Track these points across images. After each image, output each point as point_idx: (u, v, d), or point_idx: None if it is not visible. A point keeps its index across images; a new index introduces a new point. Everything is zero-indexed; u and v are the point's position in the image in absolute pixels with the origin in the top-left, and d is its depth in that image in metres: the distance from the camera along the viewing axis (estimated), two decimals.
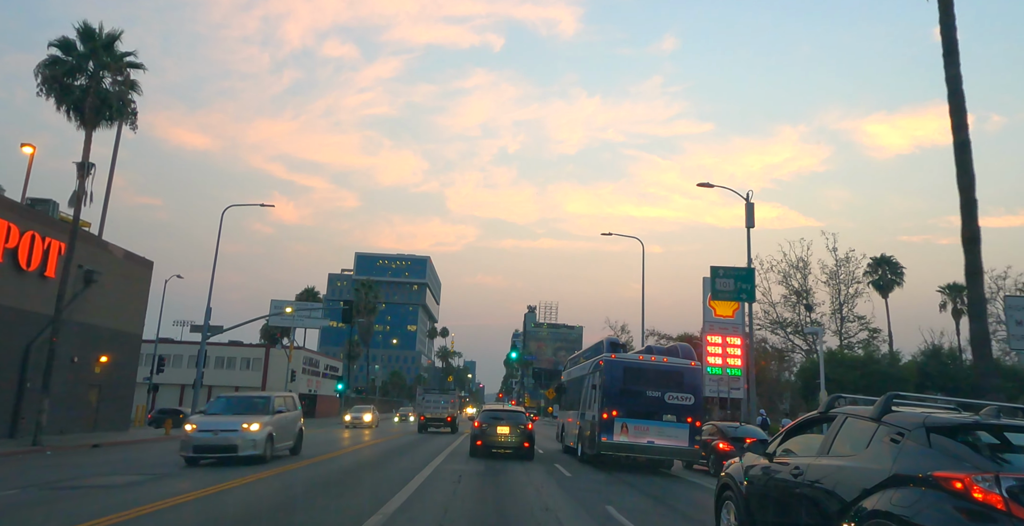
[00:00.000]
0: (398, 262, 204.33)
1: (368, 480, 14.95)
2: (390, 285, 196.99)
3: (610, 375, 19.56)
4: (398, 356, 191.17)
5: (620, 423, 18.80)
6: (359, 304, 67.04)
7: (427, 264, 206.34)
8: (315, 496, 11.77)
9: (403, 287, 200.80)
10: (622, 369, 19.69)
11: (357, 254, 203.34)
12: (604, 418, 19.06)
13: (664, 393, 19.29)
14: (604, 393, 19.43)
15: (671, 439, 18.87)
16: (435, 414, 40.65)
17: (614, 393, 19.30)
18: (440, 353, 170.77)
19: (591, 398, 20.81)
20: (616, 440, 18.85)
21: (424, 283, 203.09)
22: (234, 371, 56.40)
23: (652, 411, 19.12)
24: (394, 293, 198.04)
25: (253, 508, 10.72)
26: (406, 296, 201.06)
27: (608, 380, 19.50)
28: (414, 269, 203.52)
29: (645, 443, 18.87)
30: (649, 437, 18.82)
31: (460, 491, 13.12)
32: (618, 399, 19.22)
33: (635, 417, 18.98)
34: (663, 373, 19.69)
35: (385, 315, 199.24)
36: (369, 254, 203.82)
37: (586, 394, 21.82)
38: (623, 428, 18.79)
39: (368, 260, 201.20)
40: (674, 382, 19.53)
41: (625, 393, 19.30)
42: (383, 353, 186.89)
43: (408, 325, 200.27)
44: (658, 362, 20.04)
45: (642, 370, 19.76)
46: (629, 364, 20.00)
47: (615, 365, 19.82)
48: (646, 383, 19.42)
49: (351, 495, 12.32)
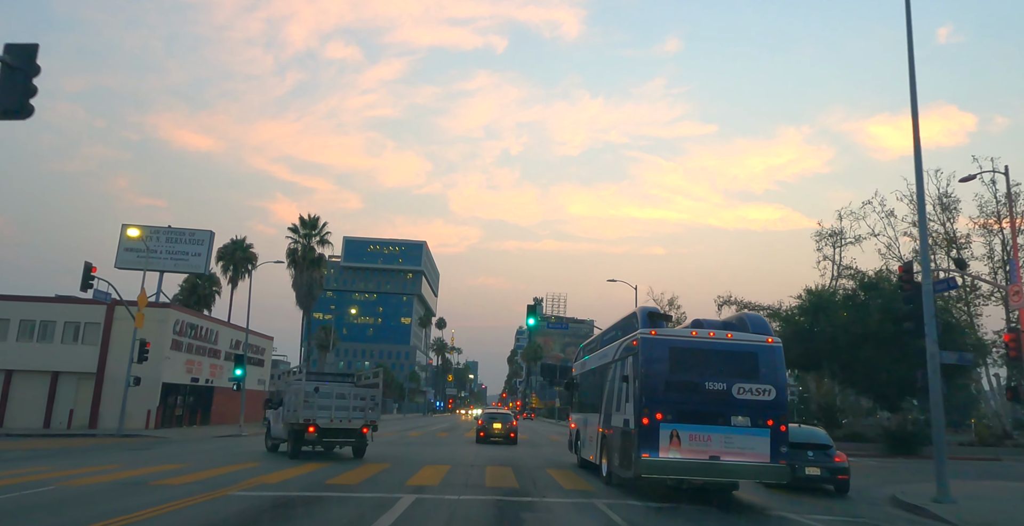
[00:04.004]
0: (391, 247, 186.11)
1: None
2: (381, 273, 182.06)
3: (651, 360, 13.20)
4: (390, 351, 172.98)
5: (668, 431, 12.66)
6: (298, 251, 45.60)
7: (423, 250, 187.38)
8: None
9: (396, 275, 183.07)
10: (668, 351, 13.26)
11: (345, 238, 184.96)
12: (644, 424, 12.73)
13: (731, 384, 12.96)
14: (643, 387, 13.05)
15: (745, 452, 12.61)
16: (331, 422, 19.58)
17: (658, 387, 12.98)
18: (436, 346, 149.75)
19: (621, 395, 14.52)
20: (664, 457, 12.55)
21: (419, 270, 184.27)
22: (51, 345, 34.39)
23: (715, 412, 12.83)
24: (386, 282, 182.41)
25: None
26: (399, 285, 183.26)
27: (648, 368, 13.16)
28: (408, 255, 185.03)
29: (707, 460, 12.55)
30: (712, 450, 12.58)
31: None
32: (664, 396, 12.92)
33: (690, 421, 12.76)
34: (729, 355, 13.33)
35: (376, 306, 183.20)
36: (358, 239, 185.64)
37: (612, 389, 15.55)
38: (673, 439, 12.63)
39: (358, 245, 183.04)
40: (746, 368, 13.16)
41: (674, 386, 13.02)
42: (372, 347, 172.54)
43: (402, 317, 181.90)
44: (720, 339, 13.50)
45: (698, 352, 13.37)
46: (678, 343, 13.42)
47: (658, 346, 13.32)
48: (704, 371, 13.14)
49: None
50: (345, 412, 19.23)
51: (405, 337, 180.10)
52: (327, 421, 18.61)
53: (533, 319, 35.62)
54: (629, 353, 14.25)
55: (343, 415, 19.15)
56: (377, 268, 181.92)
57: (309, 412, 18.69)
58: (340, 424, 18.83)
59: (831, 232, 48.46)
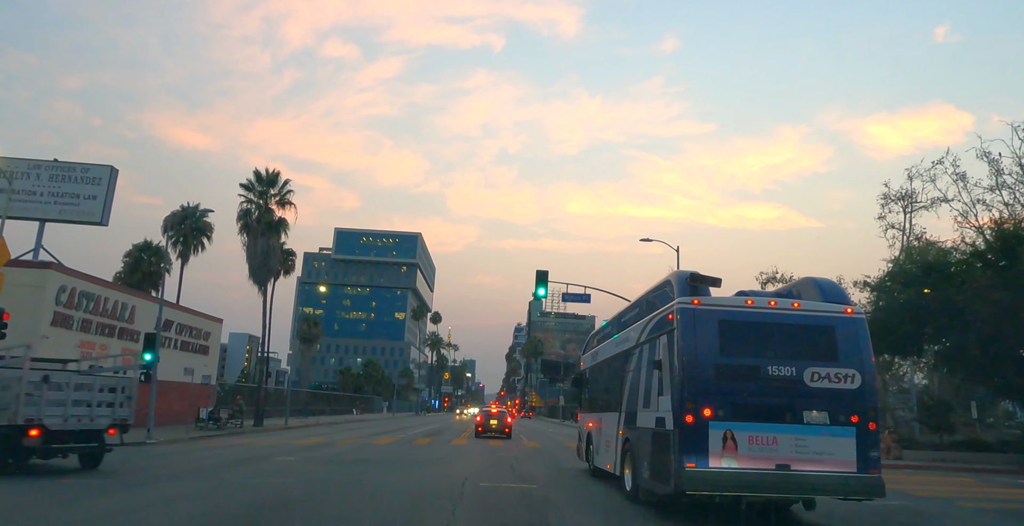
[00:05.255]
0: (384, 239, 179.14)
1: None
2: (374, 266, 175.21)
3: (695, 339, 10.18)
4: (383, 347, 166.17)
5: (720, 432, 9.72)
6: (252, 212, 37.06)
7: (418, 242, 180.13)
8: None
9: (390, 268, 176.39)
10: (716, 325, 10.28)
11: (337, 230, 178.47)
12: (688, 423, 9.79)
13: (803, 368, 10.04)
14: (686, 374, 10.06)
15: (824, 459, 9.71)
16: (66, 422, 14.79)
17: (705, 373, 10.01)
18: (430, 340, 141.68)
19: (651, 387, 11.54)
20: (716, 466, 9.57)
21: (414, 263, 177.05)
22: None
23: (782, 405, 9.91)
24: (379, 275, 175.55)
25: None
26: (393, 278, 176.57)
27: (691, 349, 10.14)
28: (402, 247, 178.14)
29: (773, 470, 9.63)
30: (780, 457, 9.71)
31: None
32: (714, 385, 9.94)
33: (749, 418, 9.80)
34: (798, 330, 10.39)
35: (369, 301, 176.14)
36: (351, 230, 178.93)
37: (638, 381, 12.49)
38: (728, 442, 9.68)
39: (350, 237, 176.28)
40: (821, 346, 10.26)
41: (727, 372, 10.04)
42: (364, 343, 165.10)
43: (396, 312, 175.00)
44: (784, 309, 10.50)
45: (757, 326, 10.37)
46: (731, 315, 10.41)
47: (703, 319, 10.30)
48: (766, 351, 10.22)
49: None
50: (86, 409, 14.99)
51: (399, 333, 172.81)
52: (60, 421, 14.39)
53: (543, 289, 27.43)
54: (662, 331, 11.17)
55: (83, 412, 14.91)
56: (370, 261, 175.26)
57: (33, 409, 14.04)
58: (79, 425, 14.80)
59: (900, 194, 40.15)
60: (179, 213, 46.71)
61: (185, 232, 46.07)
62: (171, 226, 46.35)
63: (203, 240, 47.40)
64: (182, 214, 46.65)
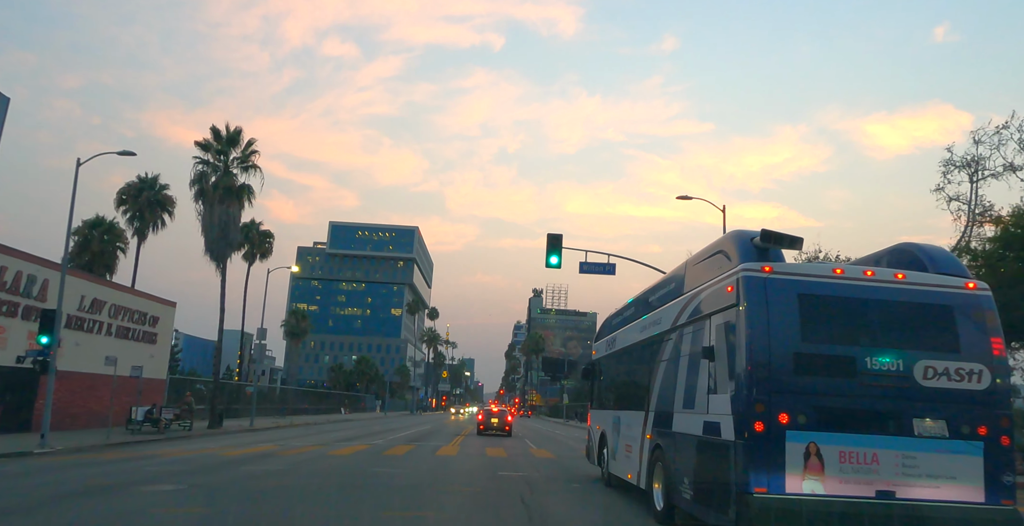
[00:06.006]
0: (380, 233, 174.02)
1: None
2: (370, 260, 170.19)
3: (766, 317, 7.77)
4: (379, 344, 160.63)
5: (801, 445, 7.45)
6: (208, 176, 31.37)
7: (415, 236, 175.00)
8: None
9: (386, 263, 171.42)
10: (797, 301, 7.89)
11: (332, 223, 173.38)
12: (758, 432, 7.44)
13: (912, 362, 7.75)
14: (753, 366, 7.65)
15: (940, 484, 7.48)
16: None
17: (780, 365, 7.64)
18: (427, 336, 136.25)
19: (697, 381, 9.03)
20: (796, 492, 7.32)
21: (411, 258, 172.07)
22: None
23: (884, 410, 7.70)
24: (375, 270, 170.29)
25: None
26: (389, 274, 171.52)
27: (763, 331, 7.72)
28: (399, 241, 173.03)
29: (872, 499, 7.41)
30: (882, 481, 7.46)
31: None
32: (792, 381, 7.62)
33: (840, 427, 7.55)
34: (905, 310, 8.03)
35: (364, 296, 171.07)
36: (345, 224, 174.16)
37: (675, 373, 9.97)
38: (811, 458, 7.42)
39: (345, 231, 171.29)
40: (936, 332, 7.94)
41: (810, 364, 7.70)
42: (360, 340, 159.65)
43: (392, 308, 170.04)
44: (886, 281, 8.13)
45: (850, 303, 7.99)
46: (816, 287, 8.03)
47: (778, 291, 7.90)
48: (862, 336, 7.91)
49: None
50: None
51: (395, 329, 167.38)
52: None
53: (556, 257, 21.83)
54: (717, 309, 8.51)
55: None
56: (366, 255, 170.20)
57: None
58: None
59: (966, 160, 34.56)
60: (135, 185, 41.00)
61: (141, 206, 40.31)
62: (125, 199, 40.65)
63: (164, 216, 41.67)
64: (138, 185, 40.94)
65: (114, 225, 41.43)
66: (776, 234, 8.15)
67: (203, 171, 31.63)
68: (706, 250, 9.86)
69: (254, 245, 51.14)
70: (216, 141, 31.98)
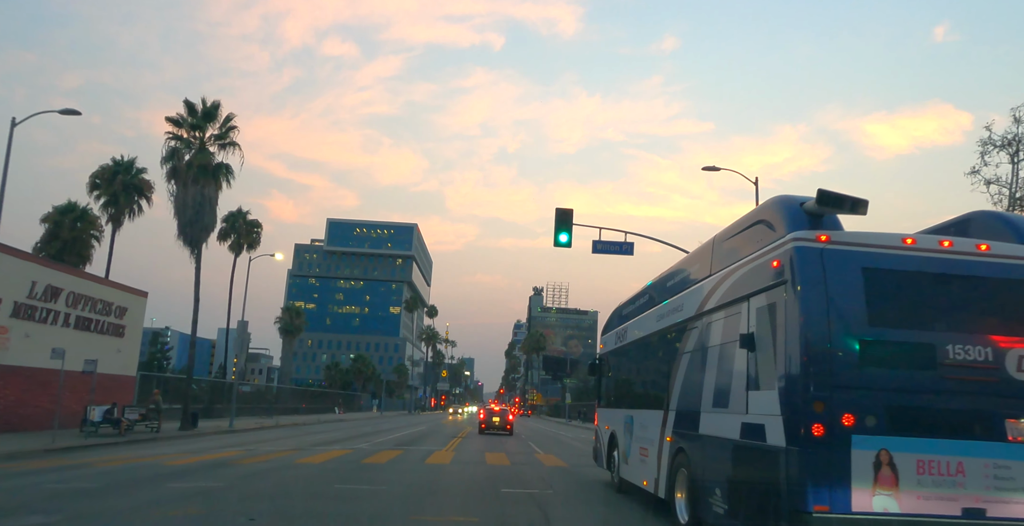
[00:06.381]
0: (378, 230, 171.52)
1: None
2: (368, 258, 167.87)
3: (825, 295, 6.44)
4: (377, 343, 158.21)
5: (871, 452, 6.12)
6: (181, 152, 28.59)
7: (413, 233, 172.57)
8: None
9: (384, 260, 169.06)
10: (862, 276, 6.57)
11: (329, 220, 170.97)
12: (817, 435, 6.13)
13: (1003, 354, 6.46)
14: (812, 354, 6.33)
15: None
16: None
17: (844, 354, 6.34)
18: (426, 334, 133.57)
19: (732, 374, 7.80)
20: (865, 509, 5.97)
21: (410, 256, 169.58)
22: None
23: (972, 409, 6.39)
24: (373, 268, 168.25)
25: None
26: (388, 271, 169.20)
27: (821, 313, 6.40)
28: (397, 239, 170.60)
29: (958, 517, 6.06)
30: (969, 495, 6.13)
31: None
32: (860, 374, 6.32)
33: (917, 430, 6.26)
34: (991, 288, 6.74)
35: (362, 294, 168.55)
36: (343, 221, 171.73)
37: (700, 365, 8.81)
38: (883, 469, 6.11)
39: (342, 228, 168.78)
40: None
41: (880, 353, 6.39)
42: (357, 339, 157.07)
43: (391, 306, 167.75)
44: (967, 253, 6.81)
45: (925, 279, 6.71)
46: (883, 259, 6.68)
47: (840, 263, 6.59)
48: (941, 320, 6.60)
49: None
50: None
51: (394, 328, 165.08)
52: None
53: (566, 234, 19.11)
54: (761, 288, 7.23)
55: None
56: (364, 252, 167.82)
57: None
58: None
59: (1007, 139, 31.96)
60: (109, 168, 38.19)
61: (116, 190, 37.51)
62: (99, 184, 37.86)
63: (141, 202, 38.87)
64: (113, 169, 38.13)
65: (87, 211, 38.74)
66: (835, 195, 6.76)
67: (176, 148, 28.81)
68: (740, 222, 8.58)
69: (241, 235, 48.47)
70: (190, 115, 29.18)
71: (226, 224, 48.21)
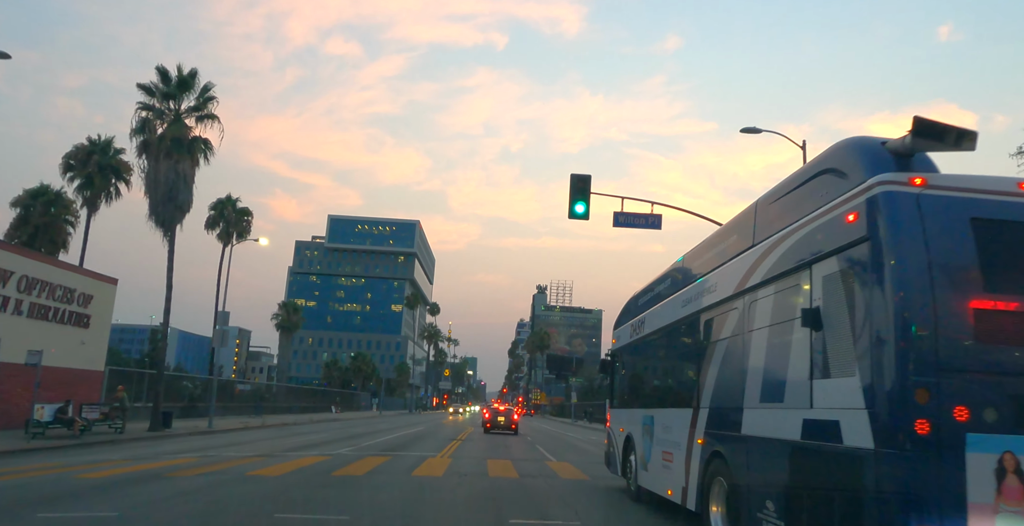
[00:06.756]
0: (380, 227, 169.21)
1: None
2: (370, 255, 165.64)
3: (925, 253, 4.99)
4: (378, 341, 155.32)
5: (992, 456, 4.64)
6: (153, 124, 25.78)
7: (416, 230, 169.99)
8: None
9: (386, 258, 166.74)
10: (971, 228, 5.12)
11: (330, 217, 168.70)
12: (922, 434, 4.65)
13: None
14: (904, 327, 4.82)
15: None
16: None
17: (951, 326, 4.85)
18: (427, 332, 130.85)
19: (788, 361, 6.32)
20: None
21: (412, 252, 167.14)
22: None
23: None
24: (375, 265, 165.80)
25: None
26: (390, 269, 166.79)
27: (920, 275, 4.94)
28: (399, 236, 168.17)
29: None
30: None
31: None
32: (972, 354, 4.84)
33: None
34: None
35: (364, 292, 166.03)
36: (344, 217, 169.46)
37: (743, 353, 7.37)
38: (1009, 479, 4.54)
39: (344, 224, 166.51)
40: None
41: (995, 326, 4.88)
42: (359, 337, 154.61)
43: (392, 304, 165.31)
44: None
45: None
46: (998, 207, 5.21)
47: (940, 212, 5.14)
48: None
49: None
50: None
51: (396, 326, 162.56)
52: None
53: (583, 204, 16.71)
54: (827, 251, 5.92)
55: None
56: (365, 250, 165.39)
57: None
58: None
59: None
60: (84, 147, 35.50)
61: (91, 172, 34.81)
62: (74, 165, 35.18)
63: (118, 185, 36.19)
64: (88, 149, 35.43)
65: (61, 194, 36.06)
66: (936, 125, 5.32)
67: (147, 119, 26.04)
68: (793, 178, 7.13)
69: (230, 223, 45.73)
70: (164, 83, 26.42)
71: (214, 212, 45.58)
